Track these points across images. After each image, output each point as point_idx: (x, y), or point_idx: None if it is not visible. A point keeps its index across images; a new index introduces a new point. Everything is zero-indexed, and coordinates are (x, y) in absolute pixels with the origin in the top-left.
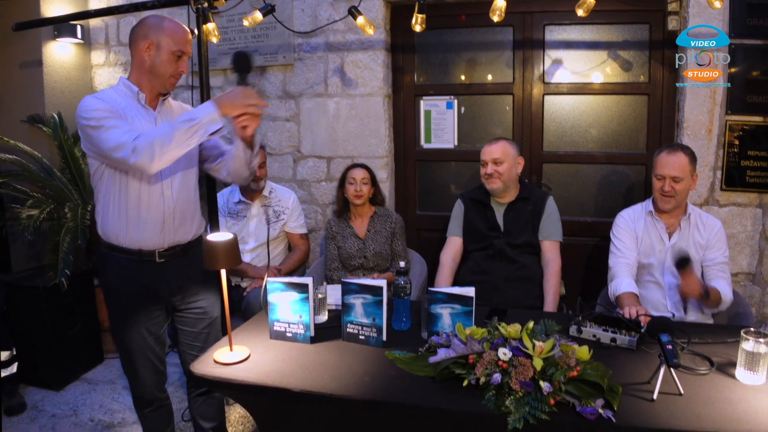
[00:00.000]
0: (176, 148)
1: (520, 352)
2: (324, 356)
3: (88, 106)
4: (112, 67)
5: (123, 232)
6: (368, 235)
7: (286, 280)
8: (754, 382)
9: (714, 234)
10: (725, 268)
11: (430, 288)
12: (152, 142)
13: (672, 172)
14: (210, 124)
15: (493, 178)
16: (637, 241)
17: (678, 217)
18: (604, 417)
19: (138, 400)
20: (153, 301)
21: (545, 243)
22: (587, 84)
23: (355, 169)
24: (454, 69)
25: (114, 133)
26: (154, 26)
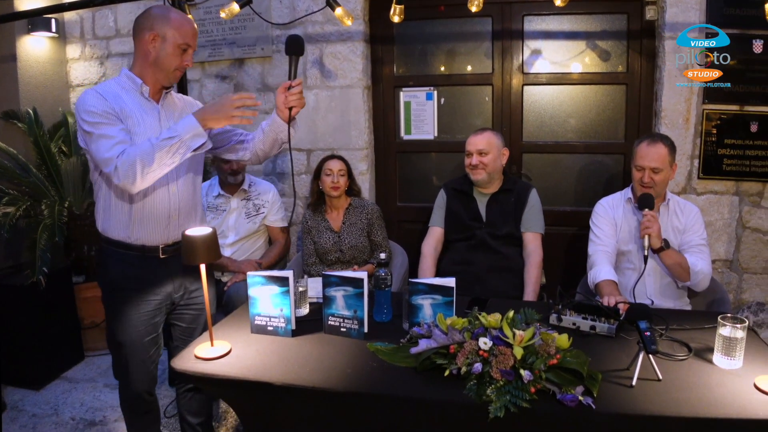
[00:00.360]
0: (158, 168)
1: (500, 342)
2: (305, 349)
3: (85, 104)
4: (88, 61)
5: (126, 228)
6: (343, 228)
7: (267, 274)
8: (731, 367)
9: (691, 218)
10: (702, 248)
11: (411, 279)
12: (133, 162)
13: (651, 163)
14: (192, 140)
15: (478, 169)
16: (616, 229)
17: (657, 203)
18: (584, 404)
19: (126, 402)
20: (155, 299)
21: (527, 235)
22: (566, 74)
23: (331, 160)
24: (433, 60)
25: (103, 145)
26: (160, 17)
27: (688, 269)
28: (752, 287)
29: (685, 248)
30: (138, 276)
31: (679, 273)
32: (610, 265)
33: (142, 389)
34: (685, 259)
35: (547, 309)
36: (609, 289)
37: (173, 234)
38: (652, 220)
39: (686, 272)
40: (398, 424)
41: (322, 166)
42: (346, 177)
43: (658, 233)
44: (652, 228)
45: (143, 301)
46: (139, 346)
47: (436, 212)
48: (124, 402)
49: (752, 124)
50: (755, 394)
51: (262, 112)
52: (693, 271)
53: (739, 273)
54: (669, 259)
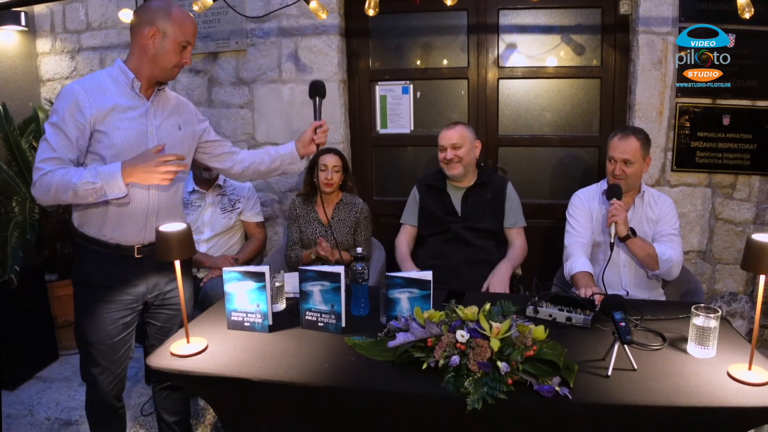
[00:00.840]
0: (70, 201)
1: (477, 334)
2: (283, 345)
3: (59, 98)
4: (59, 55)
5: (102, 226)
6: (332, 222)
7: (243, 269)
8: (704, 356)
9: (665, 209)
10: (673, 238)
11: (388, 273)
12: (50, 188)
13: (623, 155)
14: (111, 191)
15: (453, 163)
16: (592, 220)
17: (632, 195)
18: (560, 394)
19: (92, 406)
20: (126, 299)
21: (512, 231)
22: (541, 68)
23: (327, 155)
24: (409, 54)
25: (43, 150)
26: (162, 12)
27: (657, 258)
28: (725, 277)
29: (656, 238)
30: (111, 274)
31: (647, 262)
32: (586, 257)
33: (110, 392)
34: (653, 248)
35: (523, 301)
36: (585, 281)
37: (150, 235)
38: (618, 209)
39: (655, 261)
40: (377, 418)
41: (317, 159)
42: (340, 173)
43: (624, 221)
44: (619, 216)
45: (115, 301)
46: (109, 346)
47: (408, 209)
48: (90, 406)
49: (724, 118)
50: (728, 383)
51: (235, 107)
52: (661, 259)
53: (712, 264)
54: (636, 247)
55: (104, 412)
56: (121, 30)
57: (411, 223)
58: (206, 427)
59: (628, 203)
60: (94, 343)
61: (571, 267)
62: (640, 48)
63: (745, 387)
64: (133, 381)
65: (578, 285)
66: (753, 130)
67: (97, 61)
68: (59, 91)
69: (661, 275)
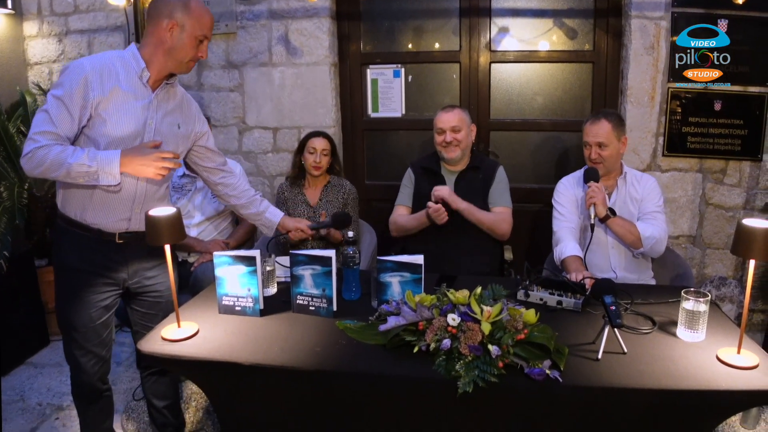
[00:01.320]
0: (60, 178)
1: (468, 318)
2: (274, 329)
3: (65, 72)
4: (46, 38)
5: (84, 210)
6: (320, 204)
7: (234, 254)
8: (694, 340)
9: (648, 187)
10: (656, 215)
11: (380, 257)
12: (42, 162)
13: (596, 138)
14: (105, 177)
15: (452, 146)
16: (578, 205)
17: (615, 177)
18: (551, 377)
19: (78, 389)
20: (108, 283)
21: (495, 209)
22: (533, 52)
23: (316, 138)
24: (400, 37)
25: (40, 122)
26: (181, 6)
27: (639, 236)
28: (715, 262)
29: (640, 216)
30: (91, 259)
31: (630, 240)
32: (575, 241)
33: (94, 375)
34: (634, 226)
35: (514, 285)
36: (575, 265)
37: (133, 224)
38: (596, 190)
39: (637, 239)
40: (368, 402)
41: (306, 142)
42: (329, 156)
43: (602, 202)
44: (597, 197)
45: (95, 284)
46: (91, 329)
47: (403, 191)
48: (75, 389)
49: (716, 103)
50: (718, 366)
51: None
52: (644, 236)
53: (702, 248)
54: (617, 226)
55: (90, 395)
56: (109, 12)
57: (405, 203)
58: (197, 411)
59: (611, 185)
60: (76, 326)
61: (560, 252)
62: (633, 33)
63: (734, 370)
64: (125, 366)
65: (568, 269)
66: (744, 116)
67: (85, 44)
68: (67, 65)
69: (647, 253)
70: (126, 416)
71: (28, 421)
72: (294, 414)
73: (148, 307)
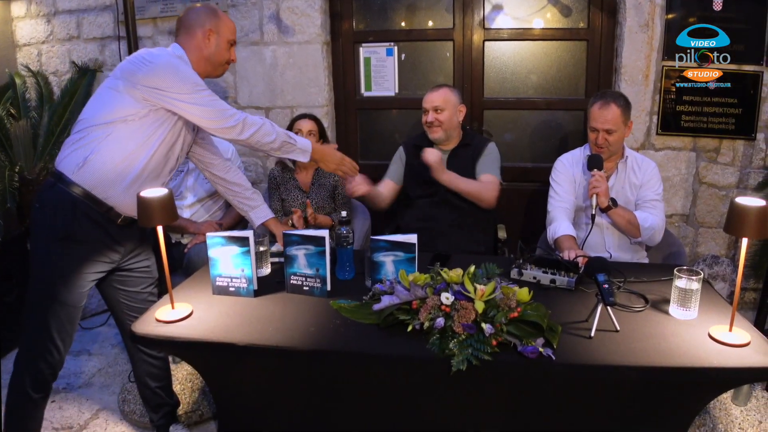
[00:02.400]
0: (268, 148)
1: (462, 296)
2: (268, 309)
3: (170, 68)
4: (34, 19)
5: (107, 189)
6: (312, 188)
7: (227, 234)
8: (686, 318)
9: (648, 173)
10: (655, 204)
11: (373, 236)
12: (260, 127)
13: (605, 125)
14: (300, 153)
15: (434, 126)
16: (575, 185)
17: (615, 161)
18: (544, 355)
19: (43, 380)
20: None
21: (482, 176)
22: (527, 30)
23: (302, 120)
24: (393, 15)
25: (220, 103)
26: (212, 14)
27: (638, 226)
28: (707, 241)
29: (639, 203)
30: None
31: (629, 230)
32: (569, 221)
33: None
34: (634, 216)
35: (508, 263)
36: (568, 244)
37: None
38: (600, 180)
39: (636, 229)
40: (362, 381)
41: (292, 125)
42: (316, 137)
43: (605, 192)
44: (600, 188)
45: (96, 261)
46: (79, 309)
47: (392, 167)
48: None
49: (710, 82)
50: (709, 344)
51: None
52: (643, 227)
53: (695, 227)
54: (617, 217)
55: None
56: None
57: (390, 178)
58: (193, 392)
59: (611, 168)
60: (67, 303)
61: (554, 231)
62: (627, 10)
63: (726, 348)
64: (121, 347)
65: (561, 248)
66: (738, 95)
67: (74, 24)
68: (158, 64)
69: (644, 242)
70: (122, 398)
71: None
72: (289, 393)
73: (134, 284)
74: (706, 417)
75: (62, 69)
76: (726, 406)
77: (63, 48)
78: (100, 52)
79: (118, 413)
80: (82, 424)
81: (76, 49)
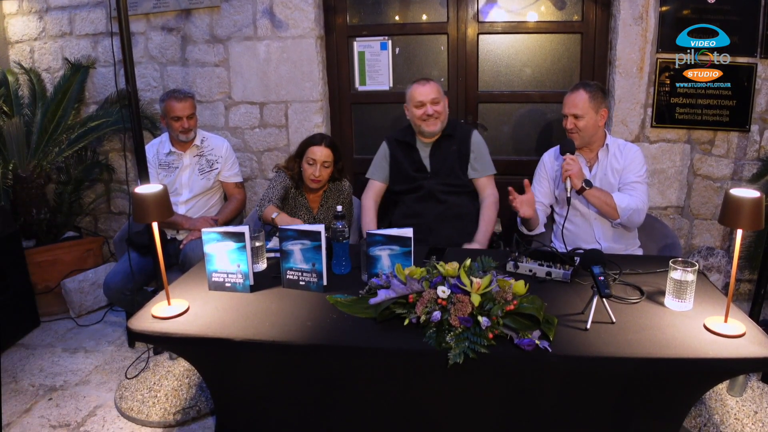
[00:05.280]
0: None
1: (458, 290)
2: (265, 304)
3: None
4: (26, 16)
5: None
6: (320, 210)
7: (222, 230)
8: (681, 309)
9: (629, 157)
10: (635, 185)
11: (369, 231)
12: None
13: (571, 110)
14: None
15: (433, 119)
16: (555, 178)
17: (596, 150)
18: (540, 347)
19: None
20: None
21: (480, 180)
22: (522, 23)
23: (317, 147)
24: (387, 8)
25: None
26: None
27: (615, 206)
28: (702, 232)
29: (621, 187)
30: None
31: (607, 211)
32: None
33: None
34: (610, 197)
35: (503, 257)
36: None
37: None
38: (571, 163)
39: (613, 209)
40: (359, 375)
41: (305, 149)
42: (330, 168)
43: (578, 173)
44: (572, 169)
45: None
46: None
47: (376, 165)
48: None
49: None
50: (705, 335)
51: (210, 65)
52: (620, 207)
53: (690, 219)
54: (593, 198)
55: None
56: None
57: (379, 179)
58: (190, 387)
59: (592, 158)
60: None
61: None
62: (621, 3)
63: (721, 339)
64: (116, 345)
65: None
66: (732, 87)
67: (67, 21)
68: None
69: (624, 223)
70: (119, 395)
71: (21, 402)
72: (286, 388)
73: None
74: (701, 408)
75: (55, 66)
76: (722, 397)
77: (55, 44)
78: (92, 48)
79: (115, 410)
80: (79, 421)
81: (68, 46)
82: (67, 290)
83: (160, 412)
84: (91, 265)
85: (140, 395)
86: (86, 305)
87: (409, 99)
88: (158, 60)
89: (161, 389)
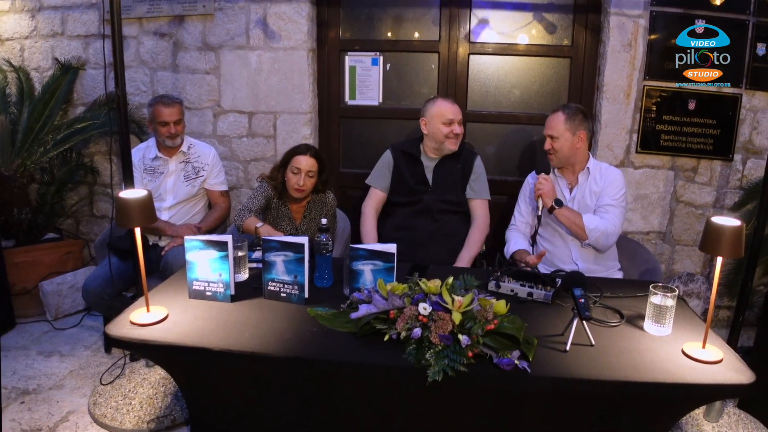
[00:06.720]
0: None
1: (439, 307)
2: (245, 315)
3: None
4: (18, 14)
5: None
6: (303, 221)
7: (205, 238)
8: (660, 334)
9: (608, 180)
10: (608, 208)
11: (353, 245)
12: None
13: (548, 131)
14: None
15: (456, 138)
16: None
17: (576, 173)
18: (519, 368)
19: None
20: None
21: (475, 201)
22: (512, 45)
23: (302, 156)
24: (380, 25)
25: None
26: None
27: (583, 227)
28: (683, 258)
29: (595, 209)
30: None
31: (575, 231)
32: (524, 238)
33: None
34: (579, 217)
35: (486, 276)
36: (523, 254)
37: None
38: (543, 182)
39: (581, 230)
40: (338, 389)
41: (290, 158)
42: (315, 178)
43: (548, 193)
44: (543, 188)
45: None
46: None
47: (378, 172)
48: None
49: (690, 102)
50: (683, 360)
51: (201, 72)
52: (588, 228)
53: (672, 245)
54: (562, 217)
55: None
56: None
57: (380, 188)
58: (165, 396)
59: (573, 181)
60: None
61: (508, 251)
62: (611, 29)
63: (699, 364)
64: (92, 350)
65: (521, 259)
66: (717, 116)
67: (59, 21)
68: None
69: (593, 245)
70: (93, 401)
71: None
72: (263, 400)
73: None
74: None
75: (44, 65)
76: (698, 422)
77: (46, 44)
78: (83, 49)
79: (88, 416)
80: (51, 426)
81: (59, 46)
82: (44, 292)
83: (134, 419)
84: (71, 267)
85: (114, 402)
86: (63, 308)
87: (435, 114)
88: (149, 65)
89: (136, 396)
